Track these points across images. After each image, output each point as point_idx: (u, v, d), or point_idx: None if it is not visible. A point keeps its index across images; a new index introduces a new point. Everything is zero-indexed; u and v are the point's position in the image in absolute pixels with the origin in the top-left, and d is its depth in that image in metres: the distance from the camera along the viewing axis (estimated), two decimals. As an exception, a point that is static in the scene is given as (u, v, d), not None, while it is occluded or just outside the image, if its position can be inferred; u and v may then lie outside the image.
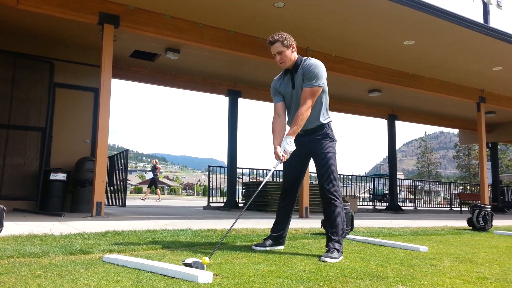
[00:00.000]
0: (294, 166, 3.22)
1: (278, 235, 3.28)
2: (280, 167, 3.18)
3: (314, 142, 3.14)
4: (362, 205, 16.22)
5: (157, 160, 17.99)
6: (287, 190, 3.31)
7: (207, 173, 12.88)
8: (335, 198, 3.04)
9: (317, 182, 11.77)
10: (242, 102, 20.20)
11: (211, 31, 7.32)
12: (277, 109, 3.23)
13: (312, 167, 3.35)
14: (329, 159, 3.09)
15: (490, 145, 17.11)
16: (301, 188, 8.25)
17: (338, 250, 2.86)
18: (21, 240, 3.19)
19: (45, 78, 7.80)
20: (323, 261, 2.70)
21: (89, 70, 8.23)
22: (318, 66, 3.06)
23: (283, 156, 2.96)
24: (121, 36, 7.61)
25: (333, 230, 3.00)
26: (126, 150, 9.16)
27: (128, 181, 10.92)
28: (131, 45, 8.49)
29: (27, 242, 3.06)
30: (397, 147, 15.34)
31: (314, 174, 11.78)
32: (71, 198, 7.54)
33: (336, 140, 3.19)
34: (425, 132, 76.11)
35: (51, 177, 7.27)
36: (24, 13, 6.57)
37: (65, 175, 7.41)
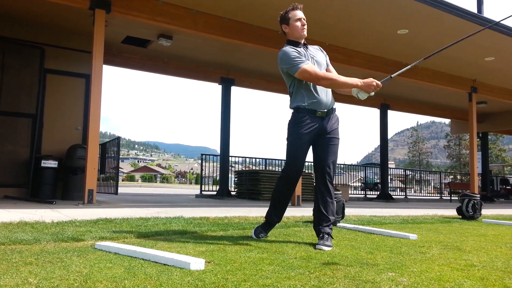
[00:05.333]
0: (305, 153, 3.04)
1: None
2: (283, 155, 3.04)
3: (331, 126, 3.04)
4: (353, 194, 16.35)
5: None
6: (296, 178, 3.10)
7: (199, 161, 12.87)
8: (332, 185, 3.05)
9: (308, 171, 11.84)
10: (235, 90, 20.12)
11: (204, 17, 7.25)
12: (312, 66, 2.97)
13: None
14: (338, 146, 3.08)
15: (480, 135, 17.25)
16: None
17: (331, 237, 2.90)
18: (12, 227, 3.17)
19: (35, 64, 7.70)
20: (319, 249, 2.67)
21: (80, 56, 8.12)
22: None
23: (376, 83, 2.95)
24: (112, 21, 7.49)
25: (327, 217, 3.00)
26: (118, 138, 9.12)
27: (120, 169, 10.89)
28: (123, 31, 8.38)
29: (18, 229, 3.05)
30: (389, 136, 15.43)
31: (307, 163, 11.80)
32: (63, 186, 7.49)
33: None
34: (417, 122, 76.67)
35: (42, 164, 7.21)
36: (13, -3, 6.45)
37: (56, 162, 7.35)
